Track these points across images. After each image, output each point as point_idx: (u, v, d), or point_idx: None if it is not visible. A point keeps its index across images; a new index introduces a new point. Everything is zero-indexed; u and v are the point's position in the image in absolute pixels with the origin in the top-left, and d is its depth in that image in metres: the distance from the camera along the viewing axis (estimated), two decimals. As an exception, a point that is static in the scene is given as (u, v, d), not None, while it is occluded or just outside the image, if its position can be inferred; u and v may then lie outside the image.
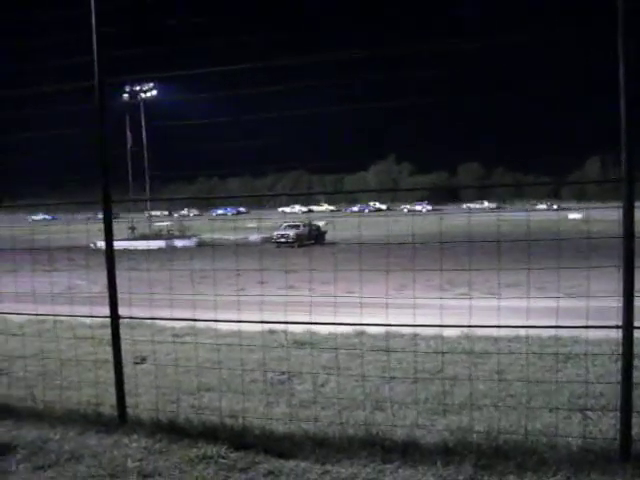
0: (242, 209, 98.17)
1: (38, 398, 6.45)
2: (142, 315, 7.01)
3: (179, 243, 42.66)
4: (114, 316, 5.98)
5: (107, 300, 7.93)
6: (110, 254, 5.93)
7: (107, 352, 8.69)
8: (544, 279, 7.96)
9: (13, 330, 10.56)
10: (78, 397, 6.68)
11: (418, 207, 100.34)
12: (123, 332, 9.41)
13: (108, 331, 10.47)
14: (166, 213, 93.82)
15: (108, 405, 6.28)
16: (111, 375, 6.90)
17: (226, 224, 47.95)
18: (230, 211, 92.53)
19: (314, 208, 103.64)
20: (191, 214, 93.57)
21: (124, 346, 8.39)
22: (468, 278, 8.60)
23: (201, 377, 7.43)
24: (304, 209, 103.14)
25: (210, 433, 5.51)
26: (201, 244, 42.42)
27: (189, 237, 47.10)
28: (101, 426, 5.76)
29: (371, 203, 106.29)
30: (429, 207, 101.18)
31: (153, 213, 77.83)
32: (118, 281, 12.95)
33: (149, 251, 16.40)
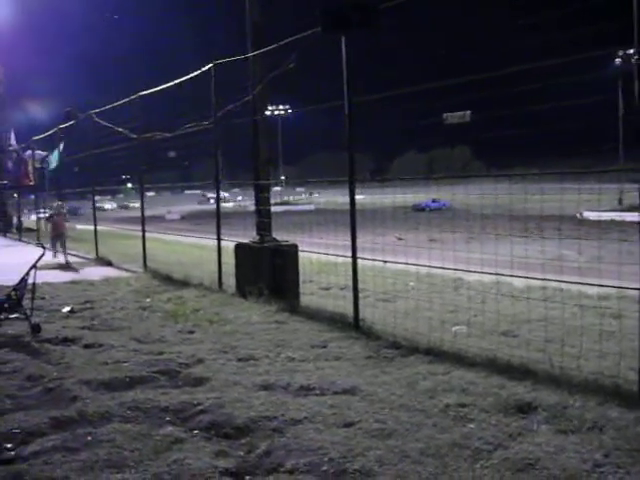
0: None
1: (554, 363, 6.64)
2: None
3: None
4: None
5: (594, 272, 7.77)
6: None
7: (611, 325, 8.53)
8: None
9: (516, 294, 11.10)
10: (591, 367, 6.68)
11: None
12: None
13: (608, 303, 10.28)
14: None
15: (624, 379, 6.13)
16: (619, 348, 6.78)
17: None
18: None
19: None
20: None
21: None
22: None
23: None
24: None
25: None
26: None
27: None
28: (620, 400, 5.65)
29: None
30: None
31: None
32: (604, 253, 12.54)
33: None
